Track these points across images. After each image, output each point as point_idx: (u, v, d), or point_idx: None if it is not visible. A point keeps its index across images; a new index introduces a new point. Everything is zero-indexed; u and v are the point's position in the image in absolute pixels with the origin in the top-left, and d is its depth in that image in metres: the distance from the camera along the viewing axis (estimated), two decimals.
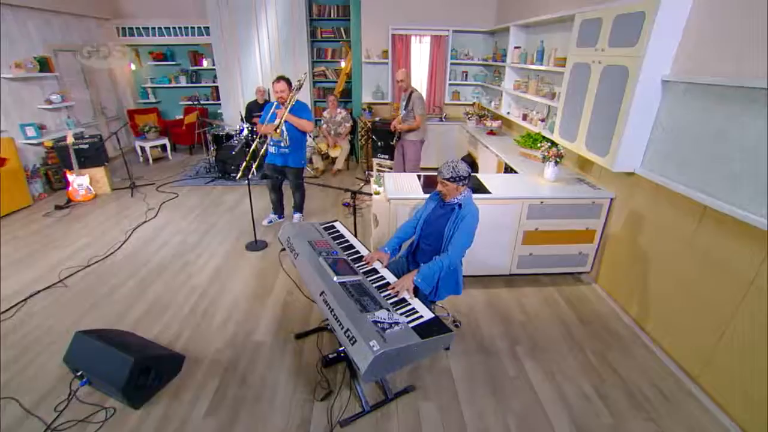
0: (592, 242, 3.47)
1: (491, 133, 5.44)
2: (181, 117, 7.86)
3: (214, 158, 6.03)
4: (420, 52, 6.30)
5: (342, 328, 1.82)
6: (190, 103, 7.79)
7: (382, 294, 2.11)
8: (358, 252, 2.54)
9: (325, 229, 2.84)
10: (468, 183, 2.35)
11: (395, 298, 2.09)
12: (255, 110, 6.27)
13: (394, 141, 4.96)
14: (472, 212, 2.33)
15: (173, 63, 7.62)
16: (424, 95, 6.58)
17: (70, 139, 4.98)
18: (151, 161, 6.94)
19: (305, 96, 6.83)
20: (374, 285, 2.18)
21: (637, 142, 2.88)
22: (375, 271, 2.34)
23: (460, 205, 2.36)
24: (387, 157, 5.64)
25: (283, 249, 2.65)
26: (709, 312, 2.42)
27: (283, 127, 3.82)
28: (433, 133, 6.22)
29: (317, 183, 3.87)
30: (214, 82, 7.74)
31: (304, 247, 2.47)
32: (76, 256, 3.80)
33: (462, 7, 6.01)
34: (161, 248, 3.97)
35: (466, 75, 6.40)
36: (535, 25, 4.65)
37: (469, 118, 5.95)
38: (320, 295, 2.07)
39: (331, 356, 2.61)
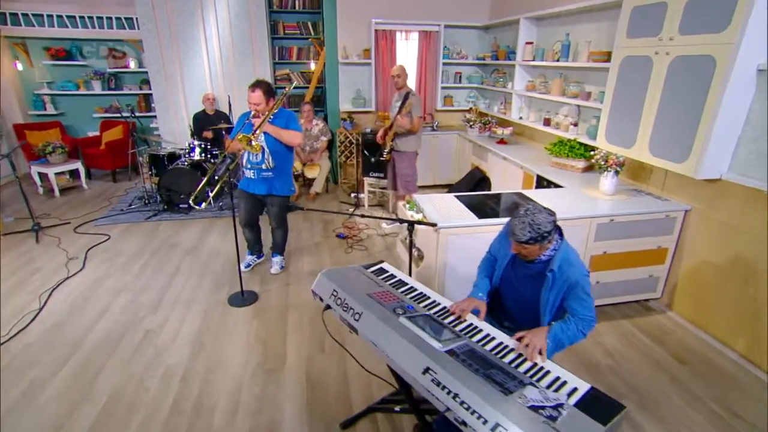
0: (664, 263, 3.38)
1: (502, 142, 5.35)
2: (97, 133, 7.01)
3: (156, 185, 5.33)
4: (407, 50, 6.15)
5: (485, 423, 1.43)
6: (116, 115, 6.99)
7: (506, 360, 1.75)
8: (435, 302, 2.17)
9: (376, 273, 2.45)
10: (555, 234, 1.93)
11: (524, 364, 1.74)
12: (204, 123, 5.73)
13: (386, 155, 4.65)
14: (579, 271, 1.90)
15: (81, 63, 6.81)
16: None
17: None
18: (57, 192, 6.03)
19: None
20: (488, 348, 1.82)
21: (724, 144, 2.84)
22: (472, 326, 1.99)
23: (552, 270, 1.91)
24: (383, 175, 5.33)
25: (327, 307, 2.21)
26: None
27: (264, 144, 3.38)
28: (427, 144, 6.03)
29: (354, 213, 3.42)
30: (141, 88, 7.03)
31: (367, 303, 2.06)
32: None
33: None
34: (102, 315, 3.29)
35: (460, 77, 6.35)
36: (552, 16, 4.67)
37: (470, 126, 5.84)
38: (424, 373, 1.66)
39: None
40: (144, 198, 5.44)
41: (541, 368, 1.74)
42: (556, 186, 3.85)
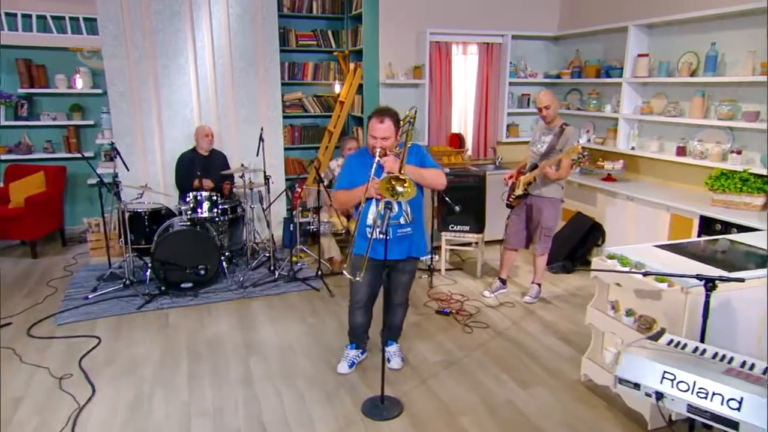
0: None
1: (609, 179, 5.67)
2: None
3: (150, 260, 4.95)
4: (465, 68, 6.47)
5: None
6: (31, 157, 6.44)
7: None
8: None
9: (676, 345, 2.44)
10: None
11: None
12: (196, 168, 5.51)
13: (513, 199, 4.78)
14: None
15: None
16: (470, 128, 6.69)
17: None
18: None
19: (275, 139, 6.29)
20: None
21: None
22: None
23: None
24: (468, 228, 5.37)
25: (660, 397, 2.15)
26: None
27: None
28: (493, 187, 6.16)
29: None
30: (71, 118, 6.60)
31: (740, 385, 2.04)
32: None
33: (520, 4, 6.48)
34: None
35: (528, 100, 6.74)
36: (670, 24, 5.18)
37: None
38: None
39: None
40: (125, 278, 4.98)
41: None
42: (742, 228, 4.11)
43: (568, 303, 4.89)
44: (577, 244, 5.64)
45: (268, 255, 5.61)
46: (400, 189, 3.06)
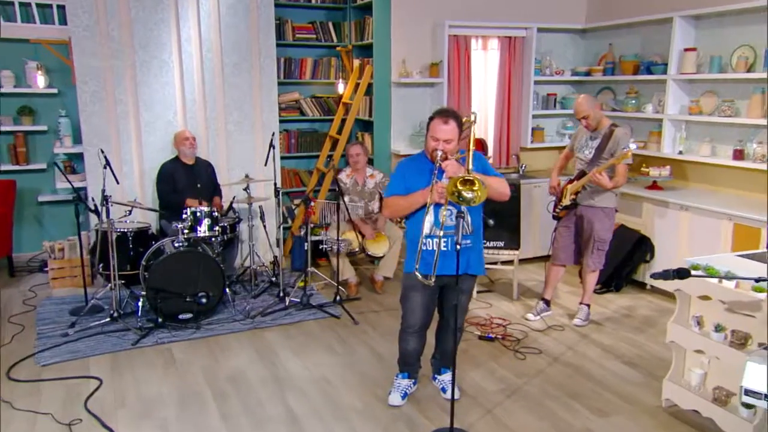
0: None
1: (655, 186, 6.02)
2: None
3: (144, 291, 5.03)
4: (485, 64, 6.79)
5: None
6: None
7: None
8: None
9: None
10: None
11: None
12: (181, 180, 5.69)
13: (559, 210, 5.05)
14: None
15: None
16: (492, 132, 6.99)
17: None
18: None
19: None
20: None
21: None
22: None
23: None
24: (502, 244, 5.62)
25: None
26: None
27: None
28: (517, 200, 6.43)
29: None
30: (20, 122, 6.56)
31: None
32: None
33: None
34: None
35: (555, 100, 7.09)
36: (727, 15, 5.58)
37: None
38: None
39: None
40: (112, 310, 5.04)
41: None
42: None
43: (622, 324, 5.18)
44: (622, 261, 5.94)
45: (272, 280, 5.76)
46: (469, 195, 3.27)
